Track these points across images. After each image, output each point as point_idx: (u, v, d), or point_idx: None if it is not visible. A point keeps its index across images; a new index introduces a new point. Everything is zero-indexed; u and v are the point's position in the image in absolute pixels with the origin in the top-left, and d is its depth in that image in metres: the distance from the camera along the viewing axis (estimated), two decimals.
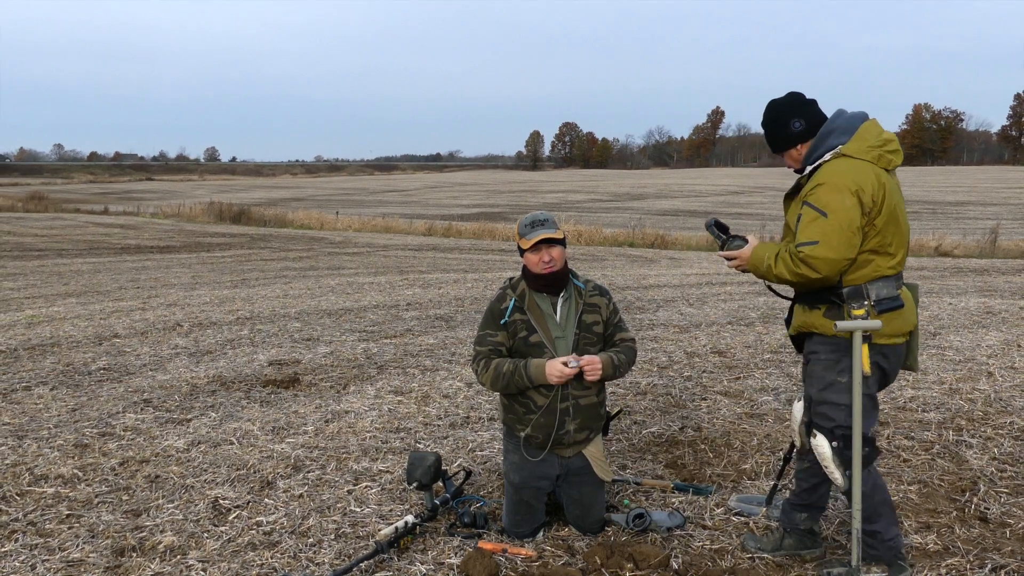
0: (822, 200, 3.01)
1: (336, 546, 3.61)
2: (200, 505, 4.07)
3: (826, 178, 3.03)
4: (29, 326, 9.27)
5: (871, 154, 3.06)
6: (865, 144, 3.07)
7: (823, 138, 3.16)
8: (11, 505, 4.12)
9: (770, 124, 3.29)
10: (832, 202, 2.98)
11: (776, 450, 4.74)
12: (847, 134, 3.11)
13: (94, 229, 30.30)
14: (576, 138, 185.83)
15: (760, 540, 3.54)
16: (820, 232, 2.98)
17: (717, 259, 19.28)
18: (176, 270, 16.35)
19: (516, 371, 3.55)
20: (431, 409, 5.66)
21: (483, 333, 3.71)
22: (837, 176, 3.02)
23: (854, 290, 3.09)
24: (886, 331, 3.09)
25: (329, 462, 4.65)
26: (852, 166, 3.03)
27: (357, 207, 47.00)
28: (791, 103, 3.24)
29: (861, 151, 3.06)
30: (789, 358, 7.01)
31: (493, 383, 3.62)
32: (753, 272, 3.25)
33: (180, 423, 5.44)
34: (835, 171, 3.04)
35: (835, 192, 2.99)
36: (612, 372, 3.64)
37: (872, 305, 3.09)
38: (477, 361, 3.68)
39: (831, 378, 3.16)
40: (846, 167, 3.03)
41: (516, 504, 3.70)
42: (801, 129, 3.19)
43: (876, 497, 3.18)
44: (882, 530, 3.20)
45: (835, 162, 3.07)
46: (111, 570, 3.44)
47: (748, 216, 38.46)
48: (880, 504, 3.20)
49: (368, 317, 9.57)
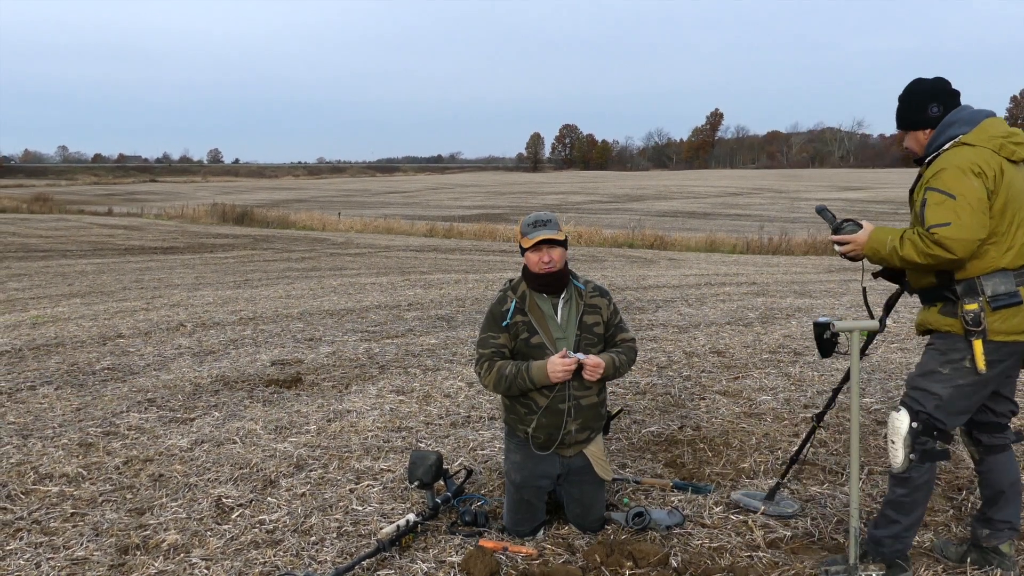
0: (947, 183, 2.94)
1: (338, 544, 3.61)
2: (203, 504, 4.07)
3: (947, 163, 2.99)
4: (34, 326, 9.27)
5: (993, 143, 3.01)
6: (987, 135, 3.03)
7: (945, 127, 3.10)
8: (16, 504, 4.12)
9: (908, 100, 3.21)
10: (957, 184, 2.93)
11: (774, 449, 4.74)
12: (969, 125, 3.06)
13: (98, 230, 30.32)
14: (576, 140, 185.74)
15: (947, 547, 3.42)
16: (951, 213, 2.90)
17: (717, 260, 19.29)
18: (180, 271, 16.36)
19: (519, 374, 3.55)
20: (432, 408, 5.66)
21: (485, 335, 3.70)
22: (958, 159, 2.97)
23: (968, 285, 3.01)
24: (1004, 328, 3.00)
25: (331, 461, 4.65)
26: (972, 151, 2.99)
27: (359, 208, 47.01)
28: (936, 87, 3.17)
29: (982, 140, 3.02)
30: (787, 358, 7.02)
31: (496, 386, 3.61)
32: (871, 257, 3.15)
33: (183, 422, 5.45)
34: (956, 155, 2.99)
35: (959, 174, 2.94)
36: (612, 372, 3.65)
37: (987, 300, 2.99)
38: (480, 364, 3.67)
39: (934, 367, 3.10)
40: (966, 152, 2.99)
41: (517, 503, 3.70)
42: (937, 115, 3.13)
43: (922, 493, 3.12)
44: (903, 526, 3.15)
45: (955, 149, 3.03)
46: (115, 568, 3.44)
47: (747, 217, 38.48)
48: (920, 502, 3.14)
49: (370, 317, 9.57)
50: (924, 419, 3.08)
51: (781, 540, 3.60)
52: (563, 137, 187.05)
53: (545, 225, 3.63)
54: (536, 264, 3.62)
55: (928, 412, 3.08)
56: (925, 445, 3.08)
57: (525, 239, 3.62)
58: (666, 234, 25.66)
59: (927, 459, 3.08)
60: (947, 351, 3.08)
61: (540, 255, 3.60)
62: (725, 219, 37.90)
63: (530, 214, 3.74)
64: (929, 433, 3.08)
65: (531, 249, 3.60)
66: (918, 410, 3.10)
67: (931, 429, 3.08)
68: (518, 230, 3.72)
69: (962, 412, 3.13)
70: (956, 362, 3.05)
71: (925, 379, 3.12)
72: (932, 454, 3.09)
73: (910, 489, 3.12)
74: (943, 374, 3.08)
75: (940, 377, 3.09)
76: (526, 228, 3.65)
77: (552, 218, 3.68)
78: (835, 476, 4.34)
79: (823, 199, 50.99)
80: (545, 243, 3.59)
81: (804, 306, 10.15)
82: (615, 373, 3.67)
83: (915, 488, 3.11)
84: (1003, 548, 3.24)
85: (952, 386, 3.06)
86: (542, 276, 3.64)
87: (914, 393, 3.14)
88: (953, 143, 3.06)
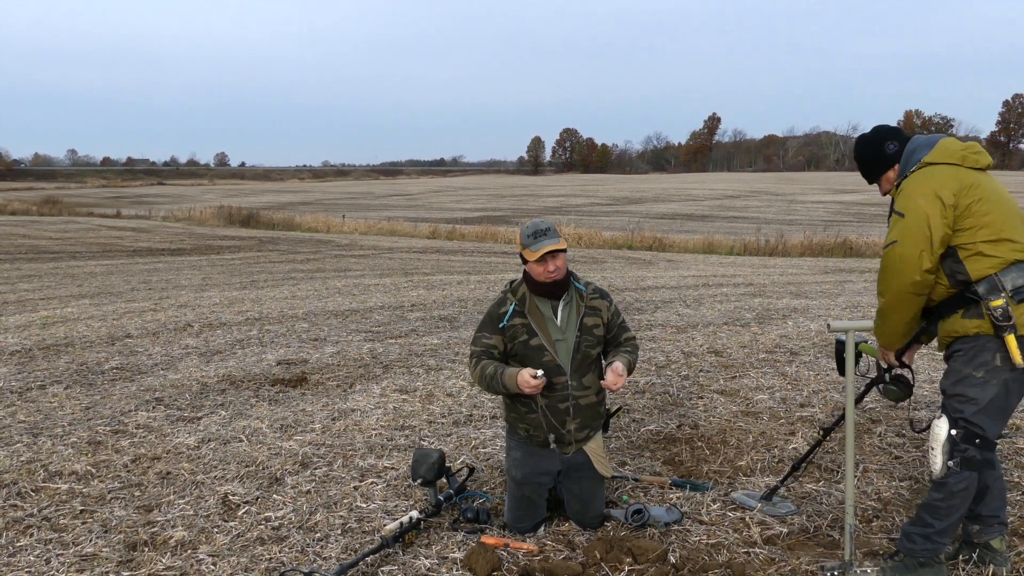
0: (902, 204, 3.08)
1: (343, 541, 3.62)
2: (210, 501, 4.08)
3: (906, 185, 3.13)
4: (44, 326, 9.28)
5: (954, 157, 3.10)
6: (947, 151, 3.12)
7: (908, 156, 3.23)
8: (26, 501, 4.12)
9: (866, 151, 3.38)
10: (908, 204, 3.05)
11: (771, 447, 4.74)
12: (928, 147, 3.17)
13: (107, 232, 30.33)
14: (576, 143, 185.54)
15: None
16: (899, 232, 3.05)
17: (714, 262, 19.28)
18: (187, 272, 16.36)
19: (495, 375, 3.57)
20: (435, 407, 5.67)
21: (479, 334, 3.72)
22: (914, 183, 3.10)
23: (989, 283, 2.99)
24: None
25: (336, 459, 4.65)
26: (930, 172, 3.09)
27: (363, 211, 47.01)
28: (883, 131, 3.36)
29: (944, 156, 3.11)
30: (784, 358, 7.02)
31: (479, 382, 3.65)
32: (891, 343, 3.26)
33: (191, 421, 5.45)
34: (914, 179, 3.12)
35: (911, 196, 3.06)
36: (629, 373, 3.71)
37: (1010, 295, 2.98)
38: (470, 360, 3.70)
39: (967, 372, 3.07)
40: (924, 174, 3.10)
41: (518, 500, 3.70)
42: (896, 150, 3.28)
43: (959, 499, 3.09)
44: (937, 529, 3.12)
45: (919, 171, 3.14)
46: (124, 564, 3.45)
47: (744, 219, 38.46)
48: (957, 508, 3.10)
49: (374, 318, 9.57)
50: (963, 426, 3.05)
51: (778, 537, 3.60)
52: (563, 141, 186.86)
53: (545, 234, 3.59)
54: (541, 274, 3.60)
55: (967, 418, 3.04)
56: (965, 453, 3.04)
57: (528, 251, 3.58)
58: (664, 236, 25.66)
59: (967, 467, 3.04)
60: (976, 354, 3.04)
61: (545, 265, 3.57)
62: (722, 221, 37.87)
63: (527, 223, 3.70)
64: (970, 441, 3.04)
65: (536, 261, 3.58)
66: (957, 417, 3.06)
67: (972, 437, 3.04)
68: (518, 240, 3.69)
69: (1003, 414, 3.08)
70: (988, 363, 3.02)
71: (960, 385, 3.08)
72: (973, 463, 3.04)
73: (945, 495, 3.08)
74: (977, 377, 3.04)
75: (975, 381, 3.04)
76: (527, 240, 3.61)
77: (550, 225, 3.65)
78: (831, 474, 4.34)
79: (819, 202, 51.01)
80: (549, 253, 3.57)
81: (800, 307, 10.15)
82: (630, 373, 3.72)
83: (951, 494, 3.07)
84: (994, 544, 3.24)
85: (988, 388, 3.02)
86: (547, 284, 3.64)
87: (951, 401, 3.10)
88: (918, 165, 3.15)
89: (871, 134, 3.39)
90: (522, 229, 3.68)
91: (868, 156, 3.38)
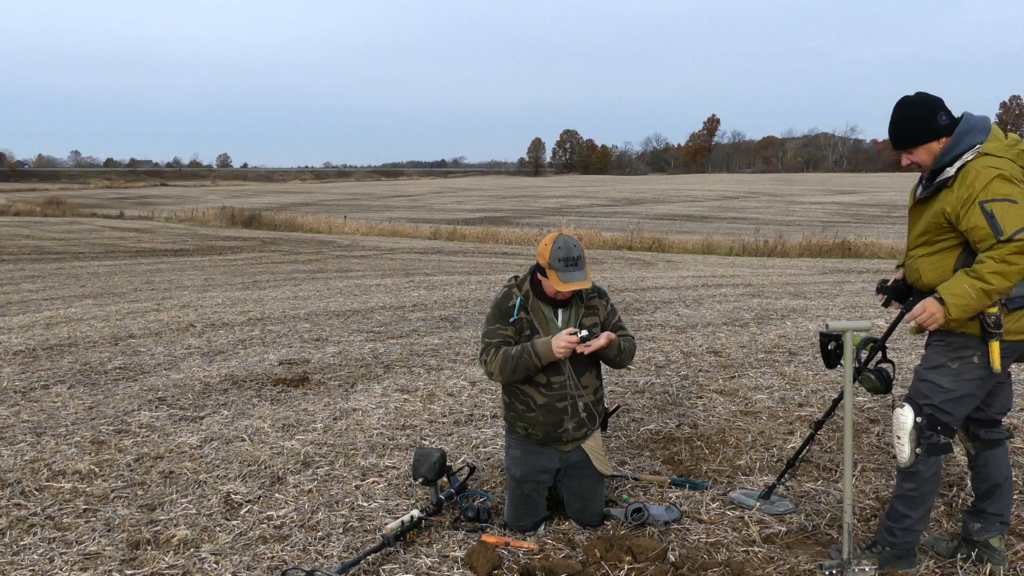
0: (1003, 192, 2.87)
1: (344, 539, 3.62)
2: (213, 500, 4.08)
3: (986, 174, 2.90)
4: (47, 327, 9.28)
5: (1011, 152, 3.00)
6: (1002, 144, 3.01)
7: (962, 136, 3.04)
8: (30, 500, 4.12)
9: (917, 113, 3.10)
10: (1012, 190, 2.87)
11: (769, 447, 4.74)
12: (984, 133, 3.03)
13: (110, 233, 30.34)
14: (576, 145, 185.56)
15: (938, 543, 3.41)
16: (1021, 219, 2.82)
17: (713, 262, 19.27)
18: (189, 273, 16.37)
19: (524, 351, 3.52)
20: (436, 407, 5.67)
21: (492, 328, 3.68)
22: (992, 168, 2.91)
23: None
24: (1015, 328, 3.00)
25: (337, 458, 4.65)
26: (997, 162, 2.95)
27: (365, 212, 47.02)
28: (932, 99, 3.11)
29: (1001, 149, 2.99)
30: (782, 358, 7.01)
31: (502, 368, 3.57)
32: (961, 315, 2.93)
33: (193, 420, 5.45)
34: (993, 166, 2.92)
35: (1005, 182, 2.89)
36: (616, 353, 3.63)
37: (1005, 304, 2.98)
38: (487, 351, 3.63)
39: (943, 361, 3.08)
40: (999, 162, 2.95)
41: (518, 498, 3.70)
42: (947, 123, 3.06)
43: (930, 486, 3.13)
44: (914, 519, 3.16)
45: (984, 159, 2.97)
46: (127, 563, 3.45)
47: (743, 220, 38.46)
48: (929, 494, 3.15)
49: (375, 318, 9.57)
50: (929, 413, 3.07)
51: (776, 535, 3.60)
52: (564, 142, 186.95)
53: (576, 264, 3.50)
54: (555, 294, 3.59)
55: (935, 404, 3.07)
56: (931, 439, 3.07)
57: (555, 275, 3.50)
58: (664, 237, 25.67)
59: (933, 453, 3.08)
60: (958, 348, 3.07)
61: (562, 291, 3.53)
62: (722, 222, 37.87)
63: (557, 239, 3.54)
64: (934, 427, 3.07)
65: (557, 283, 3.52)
66: (923, 403, 3.09)
67: (935, 423, 3.07)
68: (545, 253, 3.53)
69: (968, 405, 3.12)
70: (966, 358, 3.04)
71: (934, 372, 3.11)
72: (937, 448, 3.09)
73: (918, 483, 3.12)
74: (952, 368, 3.07)
75: (949, 371, 3.07)
76: (556, 264, 3.50)
77: (581, 254, 3.53)
78: (829, 473, 4.34)
79: (817, 202, 51.00)
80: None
81: (799, 307, 10.15)
82: (618, 354, 3.65)
83: (923, 482, 3.12)
84: (993, 542, 3.24)
85: (961, 380, 3.06)
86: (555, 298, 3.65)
87: (921, 386, 3.12)
88: (975, 152, 3.00)
89: (919, 98, 3.11)
90: (552, 246, 3.53)
91: (918, 118, 3.09)
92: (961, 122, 3.07)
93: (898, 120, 3.14)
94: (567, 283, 3.49)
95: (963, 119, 3.08)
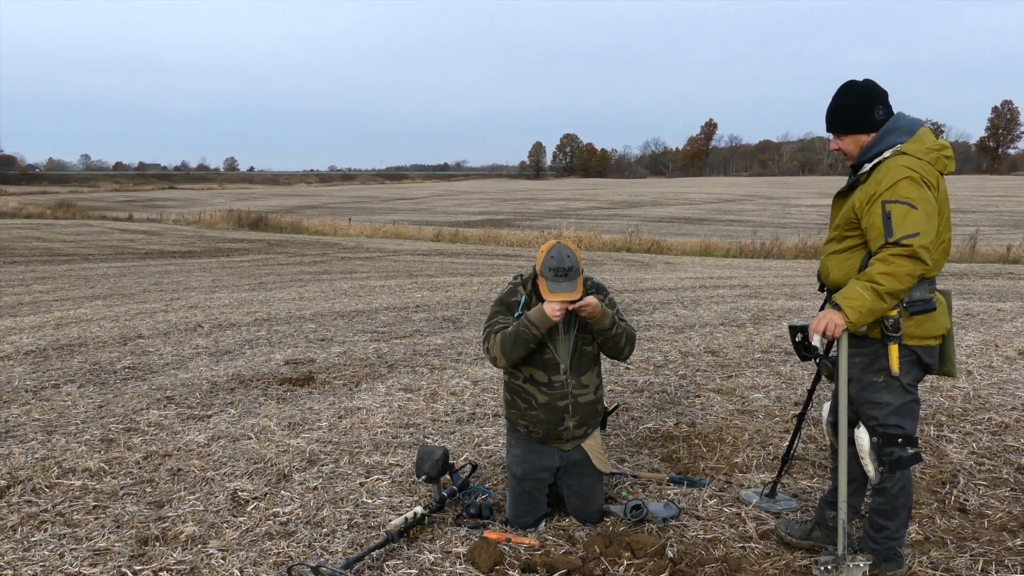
0: (907, 194, 2.84)
1: (349, 536, 3.62)
2: (220, 497, 4.08)
3: (898, 173, 2.87)
4: (58, 327, 9.29)
5: (930, 156, 2.94)
6: (924, 146, 2.95)
7: (885, 134, 2.99)
8: (41, 497, 4.13)
9: (853, 103, 3.04)
10: (916, 193, 2.83)
11: (766, 445, 4.74)
12: (908, 134, 2.98)
13: (119, 235, 30.34)
14: (576, 149, 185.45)
15: (791, 526, 3.49)
16: (916, 224, 2.80)
17: (711, 264, 19.27)
18: (197, 274, 16.37)
19: (519, 324, 3.50)
20: (439, 406, 5.67)
21: (494, 318, 3.67)
22: (907, 169, 2.87)
23: None
24: (917, 333, 2.97)
25: (342, 456, 4.65)
26: (915, 163, 2.90)
27: (369, 214, 47.01)
28: (877, 90, 3.03)
29: (920, 152, 2.93)
30: (778, 358, 7.01)
31: (502, 347, 3.55)
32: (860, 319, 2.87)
33: (201, 419, 5.45)
34: (907, 166, 2.88)
35: (914, 184, 2.84)
36: (609, 324, 3.58)
37: (905, 307, 2.95)
38: (488, 339, 3.62)
39: (868, 378, 3.05)
40: (914, 163, 2.89)
41: (519, 495, 3.70)
42: (882, 119, 3.01)
43: (901, 499, 3.12)
44: (893, 529, 3.16)
45: (900, 158, 2.92)
46: (135, 559, 3.45)
47: (740, 222, 38.42)
48: (902, 507, 3.14)
49: (379, 319, 9.57)
50: (881, 432, 3.05)
51: (773, 532, 3.59)
52: (564, 146, 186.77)
53: (566, 276, 3.49)
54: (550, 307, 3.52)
55: (882, 422, 3.05)
56: (892, 456, 3.05)
57: (544, 281, 3.52)
58: (662, 239, 25.64)
59: (897, 467, 3.05)
60: (871, 360, 3.03)
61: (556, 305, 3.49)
62: (719, 224, 37.84)
63: (552, 251, 3.53)
64: (893, 443, 3.04)
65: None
66: (872, 424, 3.08)
67: (893, 439, 3.04)
68: (539, 259, 3.55)
69: (914, 410, 3.09)
70: (885, 368, 3.00)
71: (866, 392, 3.07)
72: (901, 462, 3.05)
73: (887, 498, 3.12)
74: (879, 383, 3.03)
75: (879, 387, 3.04)
76: (547, 272, 3.51)
77: (573, 265, 3.50)
78: (823, 470, 4.34)
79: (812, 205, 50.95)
80: None
81: (795, 308, 10.14)
82: (611, 326, 3.59)
83: (892, 496, 3.11)
84: None
85: (893, 389, 3.03)
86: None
87: (863, 408, 3.10)
88: (893, 151, 2.97)
89: (864, 87, 3.04)
90: (545, 255, 3.54)
91: (857, 106, 3.02)
92: (889, 120, 3.02)
93: (838, 104, 3.09)
94: (554, 293, 3.49)
95: (893, 117, 3.02)
